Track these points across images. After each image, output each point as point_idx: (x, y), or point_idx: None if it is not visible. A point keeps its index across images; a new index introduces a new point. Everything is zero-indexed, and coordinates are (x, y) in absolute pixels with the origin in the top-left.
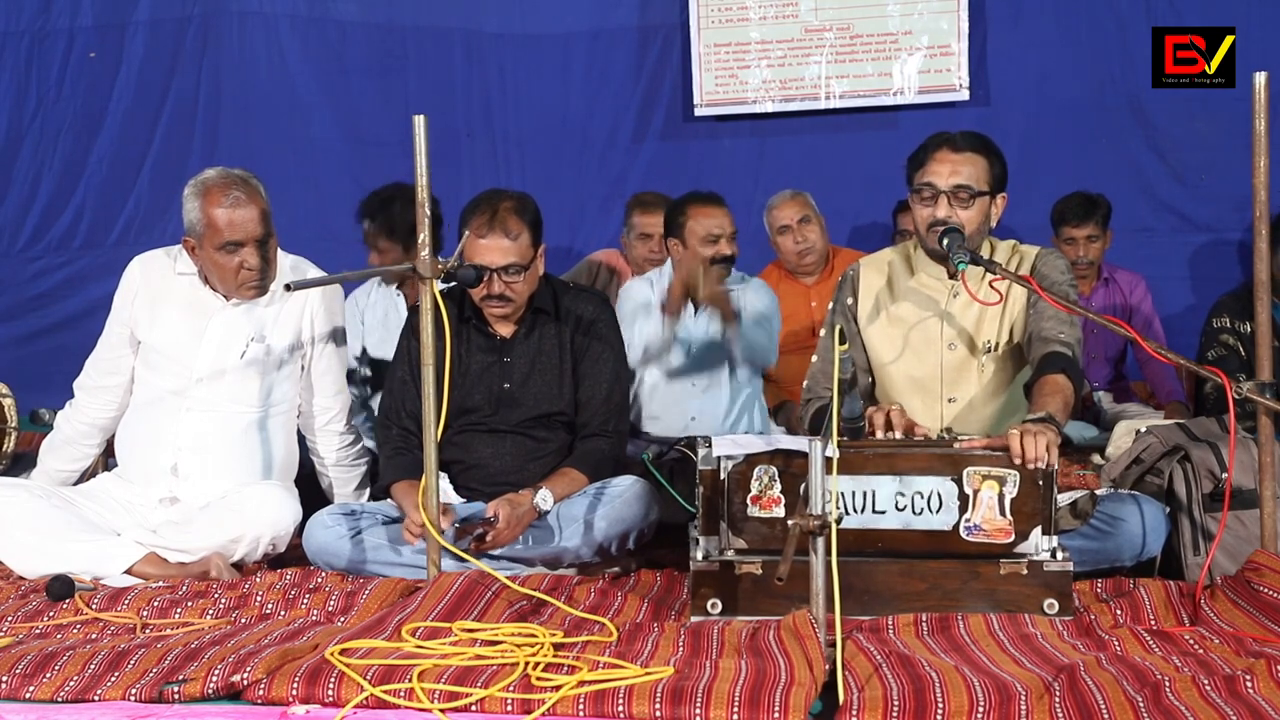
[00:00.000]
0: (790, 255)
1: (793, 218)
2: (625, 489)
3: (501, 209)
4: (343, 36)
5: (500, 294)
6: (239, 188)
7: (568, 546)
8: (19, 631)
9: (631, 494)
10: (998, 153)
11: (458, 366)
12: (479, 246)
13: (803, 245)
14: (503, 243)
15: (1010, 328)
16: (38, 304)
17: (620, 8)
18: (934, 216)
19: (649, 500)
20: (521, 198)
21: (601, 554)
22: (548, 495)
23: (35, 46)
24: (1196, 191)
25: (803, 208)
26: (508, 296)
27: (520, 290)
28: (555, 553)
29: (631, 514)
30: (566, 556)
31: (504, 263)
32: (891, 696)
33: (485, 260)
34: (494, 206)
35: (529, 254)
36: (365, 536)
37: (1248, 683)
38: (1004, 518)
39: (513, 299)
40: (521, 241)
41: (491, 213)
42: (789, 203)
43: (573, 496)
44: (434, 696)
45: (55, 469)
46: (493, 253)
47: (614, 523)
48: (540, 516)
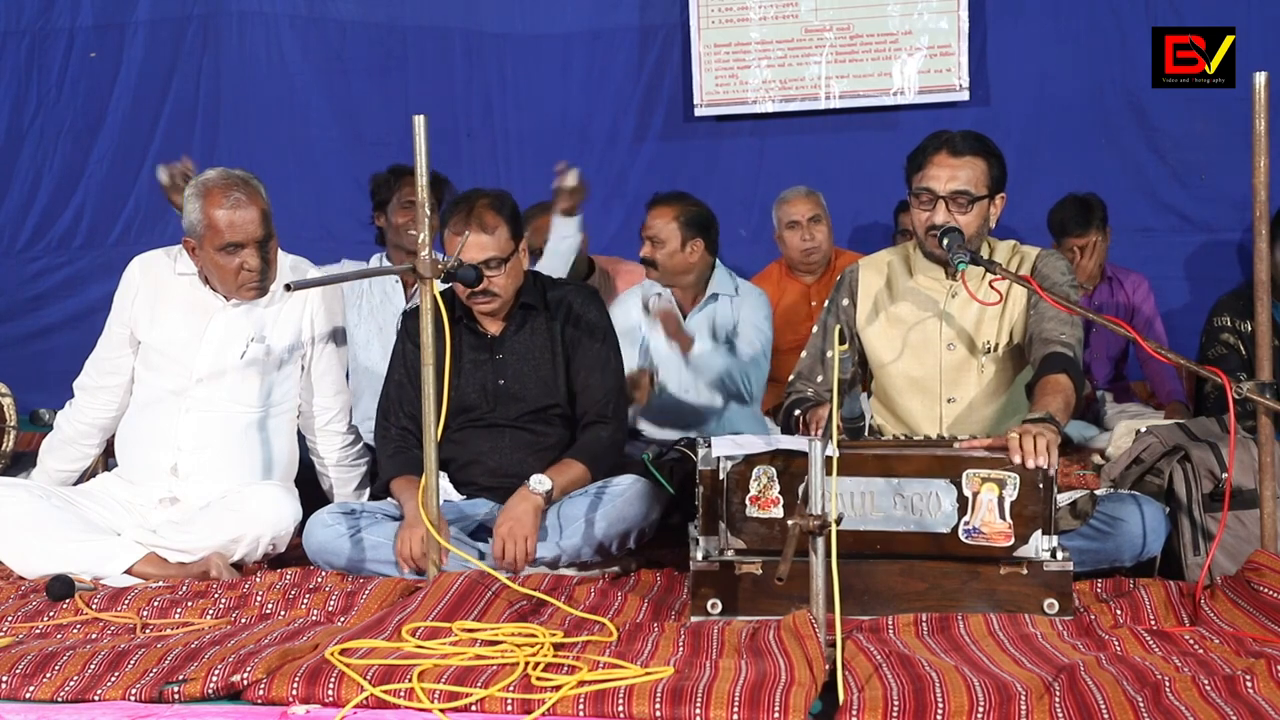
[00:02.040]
0: (795, 252)
1: (804, 214)
2: (626, 488)
3: (478, 206)
4: (343, 36)
5: (484, 289)
6: (240, 189)
7: (568, 546)
8: (19, 631)
9: (633, 493)
10: (997, 153)
11: (452, 366)
12: (456, 244)
13: (809, 244)
14: (480, 238)
15: (1010, 328)
16: (38, 304)
17: (620, 8)
18: (932, 221)
19: (650, 499)
20: (499, 194)
21: (602, 553)
22: (542, 479)
23: (35, 46)
24: (1196, 191)
25: (815, 206)
26: (491, 291)
27: (503, 285)
28: (556, 553)
29: (633, 513)
30: (567, 556)
31: (483, 257)
32: (891, 696)
33: (465, 257)
34: (470, 204)
35: (508, 247)
36: (365, 535)
37: (1248, 683)
38: (1003, 521)
39: (497, 294)
40: (500, 235)
41: (468, 210)
42: (802, 199)
43: (573, 496)
44: (434, 696)
45: (55, 469)
46: (471, 249)
47: (615, 522)
48: (546, 502)
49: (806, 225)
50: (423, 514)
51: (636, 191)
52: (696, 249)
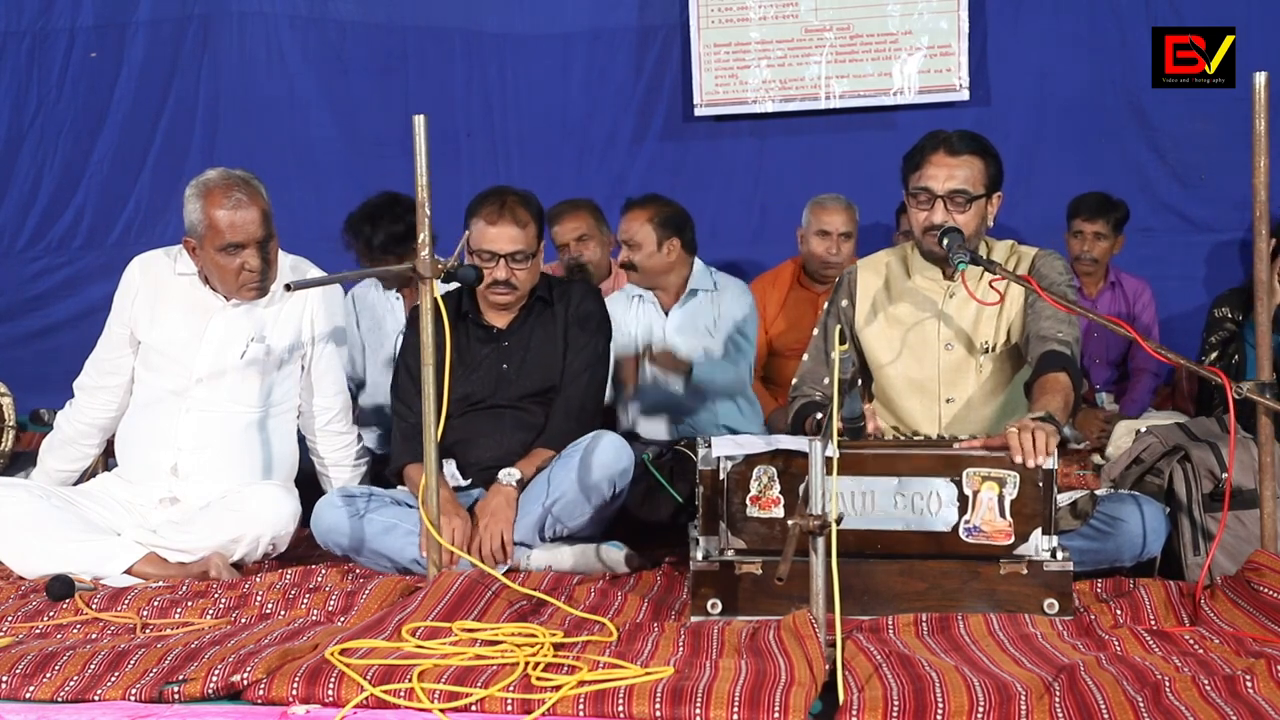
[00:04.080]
0: (816, 260)
1: (837, 226)
2: (592, 439)
3: (510, 200)
4: (343, 36)
5: (506, 280)
6: (241, 189)
7: (555, 499)
8: (19, 631)
9: (604, 442)
10: (994, 153)
11: (459, 360)
12: (488, 233)
13: (834, 256)
14: (512, 230)
15: (1008, 328)
16: (38, 304)
17: (620, 8)
18: (930, 221)
19: (619, 445)
20: (527, 194)
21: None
22: (512, 471)
23: (36, 47)
24: (1196, 191)
25: (850, 222)
26: (513, 283)
27: (524, 279)
28: (543, 513)
29: (609, 459)
30: (558, 507)
31: (512, 249)
32: (891, 696)
33: (494, 246)
34: (503, 198)
35: (535, 244)
36: (374, 517)
37: (1248, 683)
38: (1004, 520)
39: (517, 286)
40: (529, 231)
41: (501, 202)
42: (841, 211)
43: (552, 464)
44: (434, 696)
45: (55, 469)
46: (502, 239)
47: (597, 468)
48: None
49: (837, 239)
50: (423, 513)
51: (636, 191)
52: (673, 249)
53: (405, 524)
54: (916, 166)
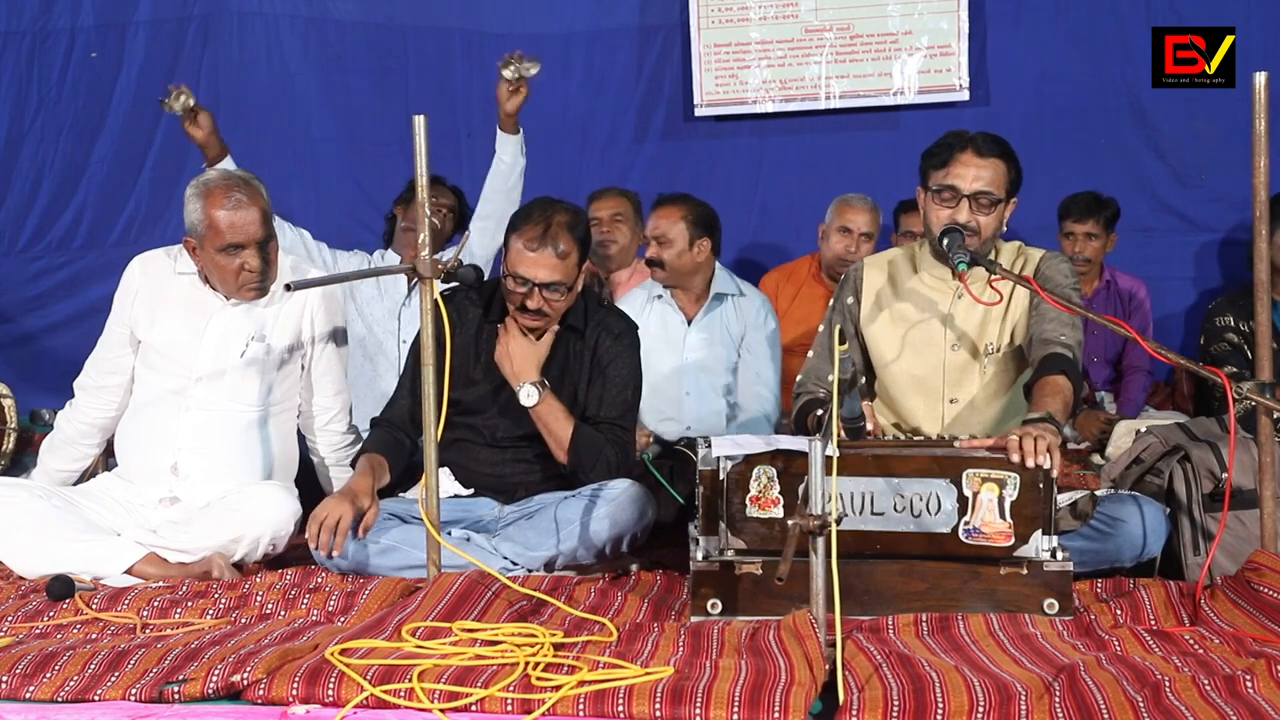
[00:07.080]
0: (833, 257)
1: (859, 227)
2: (621, 492)
3: (555, 223)
4: (342, 36)
5: (537, 309)
6: (241, 189)
7: (566, 549)
8: (19, 631)
9: (627, 497)
10: (1015, 158)
11: (477, 362)
12: (525, 258)
13: (854, 256)
14: (551, 259)
15: (1012, 330)
16: (38, 304)
17: (620, 8)
18: (954, 220)
19: (644, 503)
20: (575, 212)
21: (599, 556)
22: (532, 391)
23: (36, 46)
24: (1196, 191)
25: (873, 224)
26: (544, 312)
27: (558, 308)
28: (554, 553)
29: (626, 517)
30: (564, 558)
31: (548, 280)
32: (891, 696)
33: (529, 274)
34: (548, 220)
35: (574, 275)
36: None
37: (1248, 683)
38: (1004, 521)
39: (549, 315)
40: (569, 261)
41: (545, 226)
42: (866, 212)
43: (568, 498)
44: (434, 696)
45: (55, 469)
46: (540, 268)
47: (611, 525)
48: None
49: (858, 238)
50: (423, 513)
51: (637, 191)
52: (704, 249)
53: (405, 545)
54: (943, 164)
